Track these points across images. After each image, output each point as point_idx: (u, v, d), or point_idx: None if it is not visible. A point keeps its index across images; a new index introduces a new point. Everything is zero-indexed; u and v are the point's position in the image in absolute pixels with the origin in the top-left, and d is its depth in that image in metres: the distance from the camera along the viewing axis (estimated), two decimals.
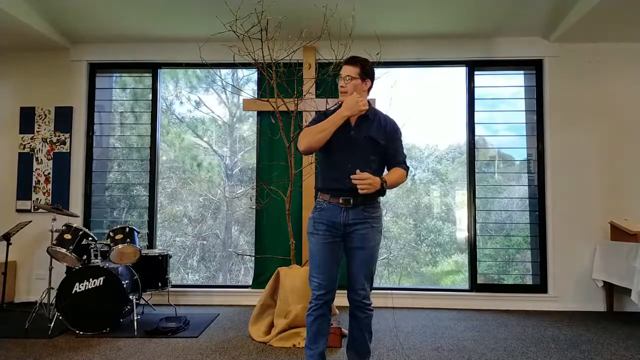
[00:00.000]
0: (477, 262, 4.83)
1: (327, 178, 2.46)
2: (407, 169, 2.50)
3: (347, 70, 2.46)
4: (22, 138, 5.02)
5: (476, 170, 4.91)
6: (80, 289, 3.65)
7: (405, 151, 2.56)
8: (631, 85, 4.75)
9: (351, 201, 2.38)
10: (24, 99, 5.05)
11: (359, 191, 2.28)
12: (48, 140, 5.00)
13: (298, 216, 4.66)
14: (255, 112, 5.02)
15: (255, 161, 5.04)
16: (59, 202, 4.80)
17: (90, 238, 3.87)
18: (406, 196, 5.21)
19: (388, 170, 2.53)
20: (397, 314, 4.40)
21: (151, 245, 4.98)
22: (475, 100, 4.95)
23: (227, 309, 4.60)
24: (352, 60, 2.48)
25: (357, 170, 2.29)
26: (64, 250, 3.71)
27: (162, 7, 4.40)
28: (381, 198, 2.52)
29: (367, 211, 2.41)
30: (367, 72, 2.48)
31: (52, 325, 3.63)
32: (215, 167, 5.51)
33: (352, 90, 2.44)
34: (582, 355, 3.20)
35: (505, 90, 5.04)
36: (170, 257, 4.36)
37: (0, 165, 5.03)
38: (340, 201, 2.39)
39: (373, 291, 2.51)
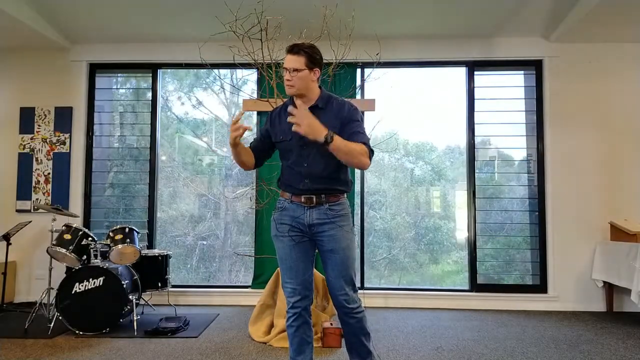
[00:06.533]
0: (477, 262, 4.83)
1: (286, 176, 2.33)
2: (369, 149, 2.17)
3: (292, 62, 2.17)
4: (22, 138, 5.02)
5: (476, 170, 4.91)
6: (80, 289, 3.65)
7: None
8: (631, 85, 4.75)
9: (314, 199, 2.24)
10: (24, 99, 5.05)
11: (293, 129, 2.05)
12: (48, 140, 5.00)
13: None
14: (255, 112, 5.02)
15: None
16: (59, 202, 4.80)
17: (90, 238, 3.86)
18: (405, 195, 5.20)
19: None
20: (397, 314, 4.39)
21: (151, 245, 4.98)
22: (475, 100, 4.95)
23: (227, 309, 4.60)
24: (296, 50, 2.18)
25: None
26: (63, 251, 3.71)
27: (162, 7, 4.40)
28: (346, 196, 2.33)
29: (332, 210, 2.25)
30: (314, 60, 2.19)
31: (52, 325, 3.63)
32: (215, 167, 5.51)
33: (300, 84, 2.19)
34: (582, 355, 3.20)
35: (505, 90, 5.04)
36: (170, 257, 4.35)
37: (0, 165, 5.03)
38: (303, 200, 2.25)
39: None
